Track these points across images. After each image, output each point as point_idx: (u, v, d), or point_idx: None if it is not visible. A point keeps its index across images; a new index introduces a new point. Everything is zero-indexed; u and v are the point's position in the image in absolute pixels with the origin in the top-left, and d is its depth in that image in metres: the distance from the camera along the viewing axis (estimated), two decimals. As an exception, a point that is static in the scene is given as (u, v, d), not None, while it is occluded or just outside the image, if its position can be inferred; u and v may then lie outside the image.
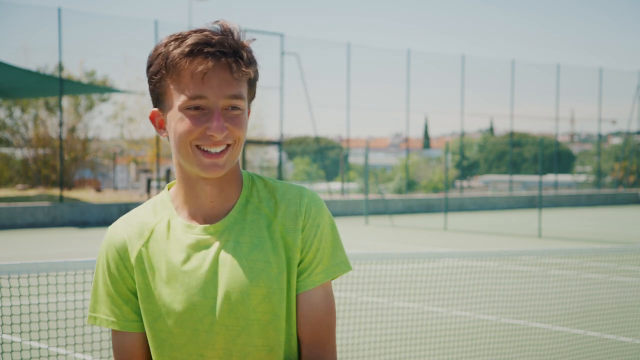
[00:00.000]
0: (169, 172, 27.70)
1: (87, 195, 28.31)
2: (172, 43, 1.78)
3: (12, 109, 32.91)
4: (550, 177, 42.83)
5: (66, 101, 32.02)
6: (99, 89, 31.74)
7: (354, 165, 49.10)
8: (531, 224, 24.66)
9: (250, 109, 1.90)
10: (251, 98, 1.88)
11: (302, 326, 1.86)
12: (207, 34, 1.77)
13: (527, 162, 53.12)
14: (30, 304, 5.12)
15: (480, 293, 10.00)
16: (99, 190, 31.93)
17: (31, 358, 5.11)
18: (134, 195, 28.84)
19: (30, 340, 5.55)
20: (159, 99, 1.84)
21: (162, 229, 1.89)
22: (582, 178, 52.09)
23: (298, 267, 1.86)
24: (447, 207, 25.39)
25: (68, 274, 5.83)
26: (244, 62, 1.79)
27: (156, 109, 1.87)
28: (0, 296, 4.74)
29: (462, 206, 32.70)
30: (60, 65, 26.59)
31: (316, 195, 1.93)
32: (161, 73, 1.80)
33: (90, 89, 31.64)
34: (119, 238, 1.90)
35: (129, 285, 1.89)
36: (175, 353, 1.85)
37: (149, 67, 1.83)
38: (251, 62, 1.81)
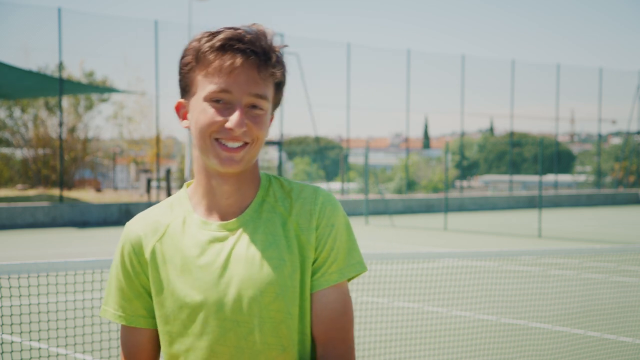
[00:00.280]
0: (168, 172, 27.67)
1: (87, 195, 28.31)
2: (205, 37, 1.82)
3: (12, 109, 32.91)
4: (550, 177, 42.83)
5: (66, 101, 32.01)
6: (99, 89, 31.74)
7: (354, 165, 49.11)
8: (531, 224, 24.66)
9: (273, 115, 1.92)
10: (276, 103, 1.90)
11: (316, 325, 1.87)
12: (240, 32, 1.80)
13: (527, 162, 53.12)
14: (30, 304, 5.12)
15: (480, 293, 10.00)
16: (99, 190, 31.92)
17: (31, 358, 5.11)
18: (134, 196, 28.83)
19: (30, 340, 5.55)
20: (185, 90, 1.87)
21: (177, 225, 1.90)
22: (582, 178, 52.09)
23: (312, 266, 1.87)
24: (447, 207, 25.39)
25: (68, 274, 5.83)
26: (272, 64, 1.82)
27: (182, 100, 1.90)
28: (0, 296, 4.74)
29: (462, 206, 32.70)
30: (60, 65, 26.60)
31: (332, 195, 1.94)
32: (191, 65, 1.83)
33: (90, 89, 31.63)
34: (134, 234, 1.92)
35: (141, 281, 1.91)
36: (186, 348, 1.86)
37: (181, 58, 1.86)
38: (280, 64, 1.84)
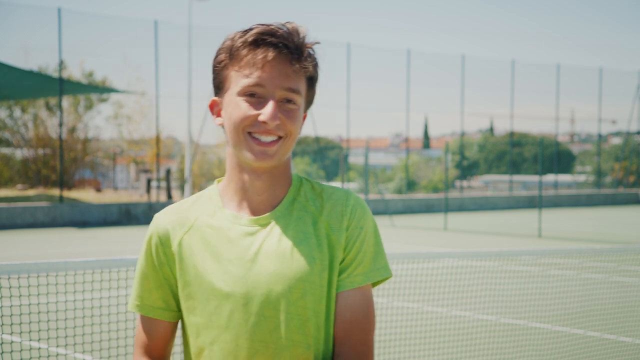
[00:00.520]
0: (169, 172, 27.67)
1: (87, 195, 28.31)
2: (239, 34, 1.84)
3: (12, 109, 32.91)
4: (550, 177, 42.83)
5: (66, 101, 32.01)
6: (99, 89, 31.74)
7: (354, 165, 49.11)
8: (531, 224, 24.65)
9: (306, 113, 1.93)
10: (309, 100, 1.91)
11: (338, 326, 1.87)
12: (273, 27, 1.82)
13: (527, 162, 53.12)
14: (30, 304, 5.11)
15: (480, 293, 10.00)
16: (99, 190, 31.93)
17: (31, 358, 5.10)
18: (134, 196, 28.83)
19: (30, 340, 5.55)
20: (219, 87, 1.89)
21: (206, 218, 1.91)
22: (582, 178, 52.10)
23: (339, 267, 1.88)
24: (447, 207, 25.39)
25: (68, 274, 5.83)
26: (304, 58, 1.83)
27: (216, 98, 1.92)
28: (0, 296, 4.74)
29: (462, 206, 32.69)
30: (60, 65, 26.59)
31: (361, 199, 1.95)
32: (224, 62, 1.85)
33: (90, 89, 31.63)
34: (162, 226, 1.93)
35: (165, 273, 1.92)
36: (211, 340, 1.86)
37: (215, 57, 1.88)
38: (312, 60, 1.85)
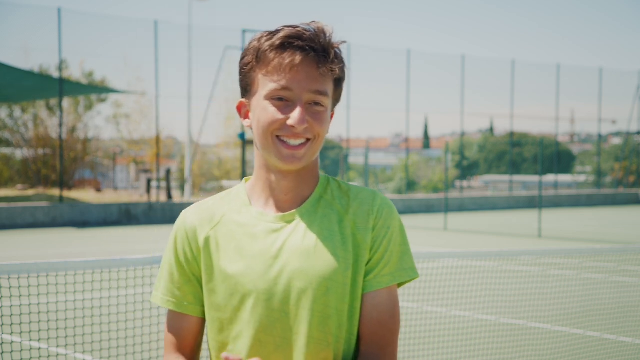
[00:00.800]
0: (169, 172, 27.66)
1: (87, 195, 28.30)
2: (265, 37, 1.84)
3: (13, 109, 32.91)
4: (550, 177, 42.82)
5: (66, 101, 32.00)
6: (100, 89, 31.73)
7: (354, 165, 49.11)
8: (531, 224, 24.65)
9: (334, 111, 1.94)
10: (336, 99, 1.92)
11: (364, 325, 1.87)
12: (299, 30, 1.82)
13: (527, 162, 53.11)
14: (30, 304, 5.12)
15: (480, 293, 10.00)
16: (99, 190, 31.92)
17: (31, 358, 5.11)
18: (134, 196, 28.82)
19: (30, 340, 5.55)
20: (246, 89, 1.90)
21: (233, 215, 1.92)
22: (582, 178, 52.08)
23: (366, 267, 1.88)
24: (447, 207, 25.40)
25: (68, 274, 5.83)
26: (331, 60, 1.83)
27: (243, 99, 1.93)
28: (0, 296, 4.74)
29: (462, 206, 32.69)
30: (60, 65, 26.59)
31: (388, 199, 1.96)
32: (251, 64, 1.85)
33: (91, 90, 31.63)
34: (189, 221, 1.95)
35: (192, 269, 1.93)
36: (235, 335, 1.87)
37: (242, 59, 1.88)
38: (338, 61, 1.85)
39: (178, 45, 44.39)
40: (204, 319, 1.96)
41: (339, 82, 1.89)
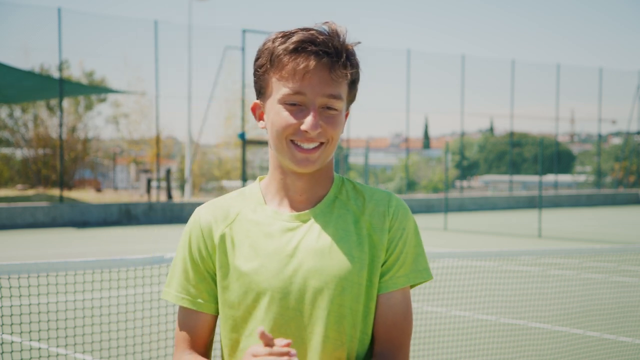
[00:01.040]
0: (169, 172, 27.65)
1: (87, 195, 28.30)
2: (279, 39, 1.84)
3: (13, 109, 32.91)
4: (550, 177, 42.81)
5: (66, 101, 32.00)
6: (100, 89, 31.73)
7: (354, 165, 49.09)
8: (531, 224, 24.65)
9: (349, 111, 1.94)
10: (351, 100, 1.92)
11: (379, 326, 1.88)
12: (313, 33, 1.82)
13: (527, 162, 53.10)
14: (30, 304, 5.12)
15: (480, 293, 10.00)
16: (99, 190, 31.92)
17: (31, 358, 5.10)
18: (134, 196, 28.82)
19: (30, 340, 5.55)
20: (260, 92, 1.90)
21: (248, 213, 1.93)
22: (582, 178, 52.09)
23: (381, 268, 1.89)
24: (447, 207, 25.41)
25: (68, 274, 5.83)
26: (344, 63, 1.83)
27: (258, 101, 1.93)
28: (0, 296, 4.74)
29: (462, 206, 32.70)
30: (60, 66, 26.58)
31: (403, 200, 1.97)
32: (265, 67, 1.85)
33: (91, 90, 31.63)
34: (204, 219, 1.94)
35: (207, 266, 1.93)
36: (248, 333, 1.87)
37: (256, 60, 1.89)
38: (352, 64, 1.85)
39: (178, 45, 44.40)
40: (216, 316, 1.96)
41: (353, 83, 1.89)
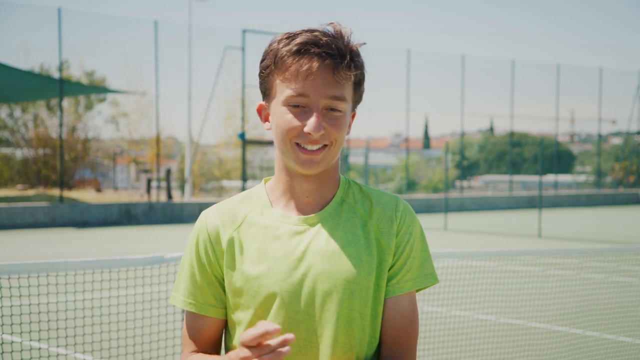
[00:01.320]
0: (169, 172, 27.65)
1: (87, 195, 28.31)
2: (284, 41, 1.84)
3: (13, 109, 32.92)
4: (550, 177, 42.82)
5: (66, 101, 32.01)
6: (100, 89, 31.73)
7: (354, 165, 49.07)
8: (531, 224, 24.65)
9: (355, 112, 1.94)
10: (356, 101, 1.92)
11: (386, 330, 1.88)
12: (317, 35, 1.81)
13: (527, 162, 53.12)
14: (30, 304, 5.12)
15: (479, 293, 10.00)
16: (99, 190, 31.92)
17: (31, 358, 5.11)
18: (134, 196, 28.83)
19: (30, 340, 5.56)
20: (266, 93, 1.90)
21: (255, 216, 1.92)
22: (582, 178, 52.10)
23: (388, 272, 1.89)
24: (447, 207, 25.40)
25: (68, 274, 5.84)
26: (348, 64, 1.82)
27: (263, 102, 1.93)
28: (0, 296, 4.75)
29: (462, 206, 32.70)
30: (60, 66, 26.59)
31: (409, 205, 1.97)
32: (270, 68, 1.85)
33: (91, 90, 31.63)
34: (212, 223, 1.93)
35: (214, 270, 1.92)
36: None
37: (261, 61, 1.89)
38: (356, 65, 1.85)
39: (178, 45, 44.38)
40: (224, 320, 1.95)
41: (358, 84, 1.89)
